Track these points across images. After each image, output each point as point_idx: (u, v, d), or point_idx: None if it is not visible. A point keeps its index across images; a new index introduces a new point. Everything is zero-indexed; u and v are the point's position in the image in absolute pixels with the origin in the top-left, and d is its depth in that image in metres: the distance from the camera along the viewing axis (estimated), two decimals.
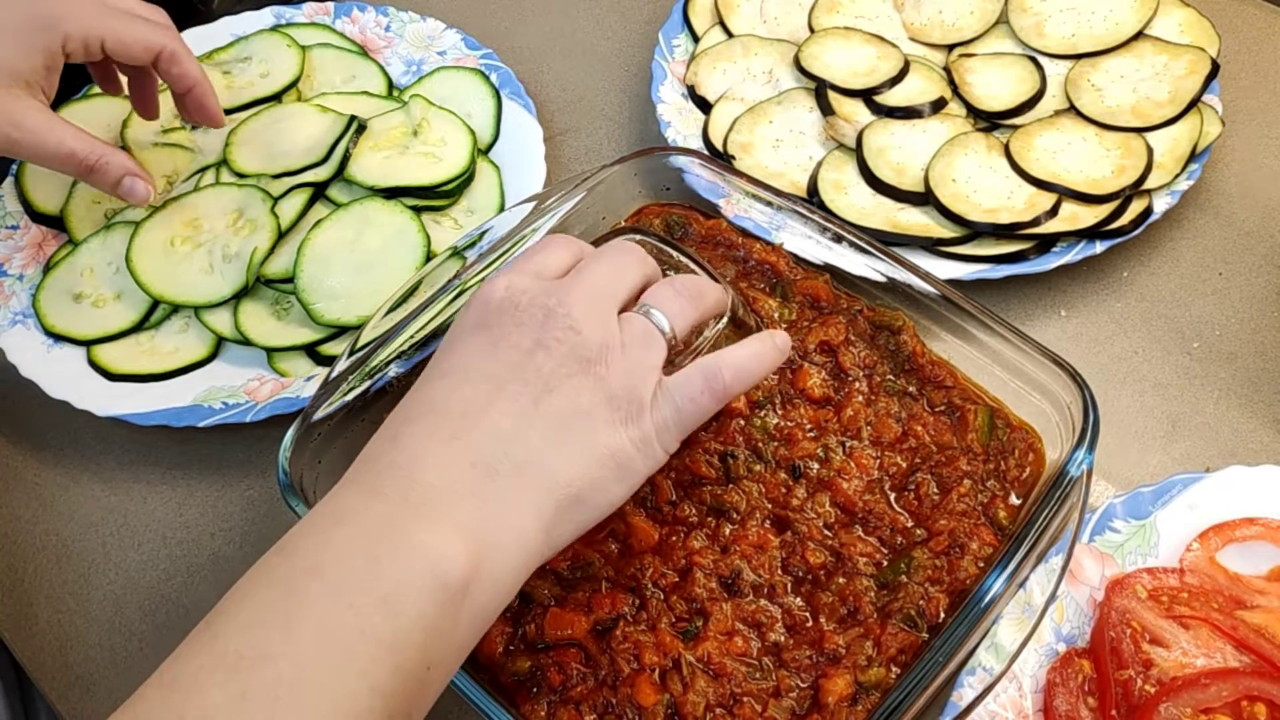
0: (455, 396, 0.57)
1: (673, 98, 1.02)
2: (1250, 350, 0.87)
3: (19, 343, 0.90)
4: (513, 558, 0.55)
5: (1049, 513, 0.65)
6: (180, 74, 0.85)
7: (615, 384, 0.57)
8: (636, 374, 0.58)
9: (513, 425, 0.56)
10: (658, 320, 0.61)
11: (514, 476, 0.55)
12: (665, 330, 0.61)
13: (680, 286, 0.63)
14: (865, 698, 0.65)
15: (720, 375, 0.60)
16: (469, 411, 0.56)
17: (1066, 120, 0.94)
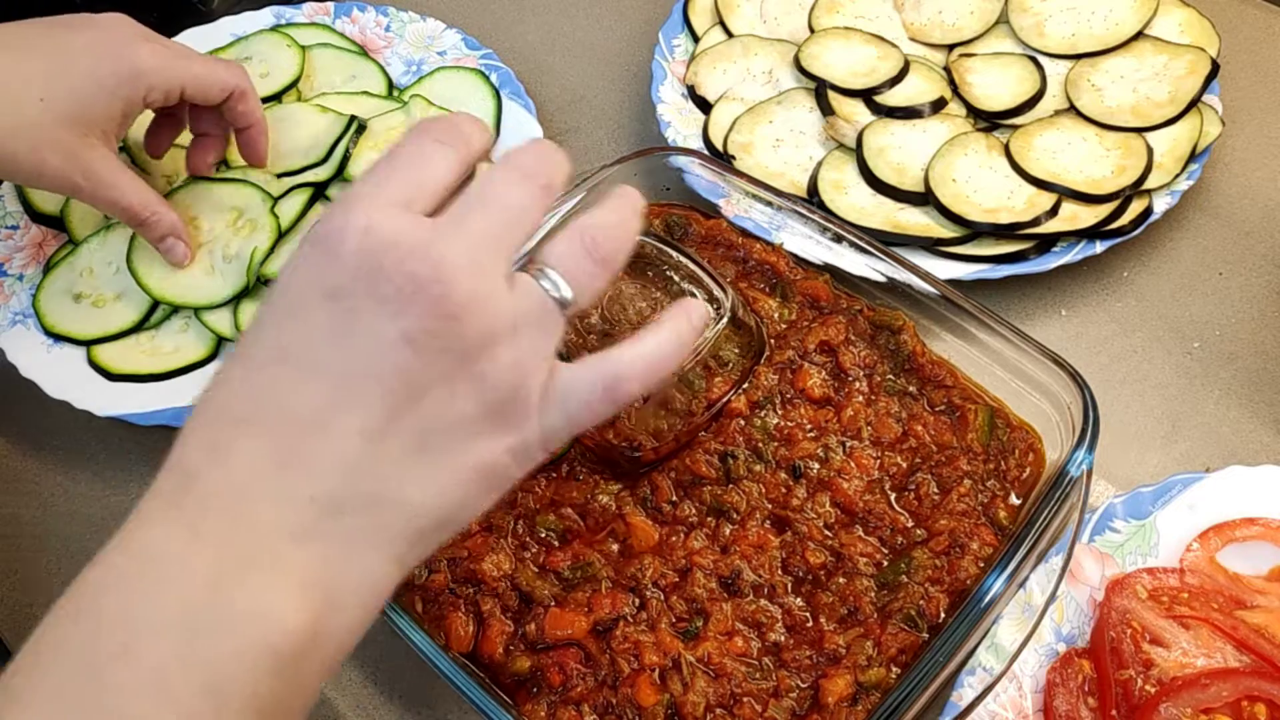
0: (294, 401, 0.45)
1: (673, 98, 1.02)
2: (1250, 350, 0.87)
3: (19, 343, 0.90)
4: (362, 606, 0.46)
5: (1049, 513, 0.65)
6: (245, 111, 0.87)
7: (497, 384, 0.46)
8: (524, 370, 0.47)
9: (363, 447, 0.45)
10: (558, 290, 0.48)
11: (364, 513, 0.45)
12: (567, 302, 0.48)
13: (592, 241, 0.49)
14: (865, 698, 0.65)
15: (623, 384, 0.50)
16: (310, 425, 0.45)
17: (1066, 120, 0.94)
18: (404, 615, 0.65)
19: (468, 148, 0.49)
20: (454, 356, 0.45)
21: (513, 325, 0.46)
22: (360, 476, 0.45)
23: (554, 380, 0.49)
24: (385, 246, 0.44)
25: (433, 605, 0.69)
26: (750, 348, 0.78)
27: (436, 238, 0.45)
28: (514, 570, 0.69)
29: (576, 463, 0.75)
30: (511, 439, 0.48)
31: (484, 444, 0.47)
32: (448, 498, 0.47)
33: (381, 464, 0.45)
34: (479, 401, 0.46)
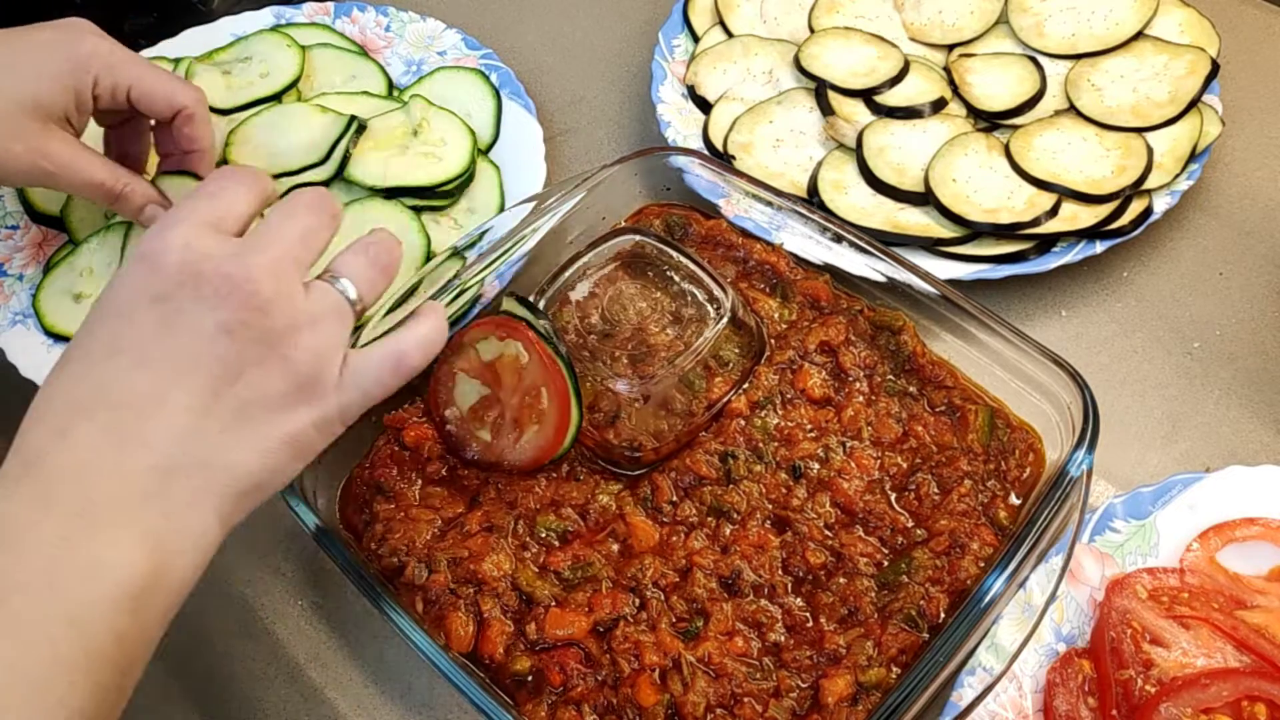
0: (129, 386, 0.54)
1: (673, 98, 1.02)
2: (1250, 350, 0.87)
3: (19, 343, 0.89)
4: (194, 556, 0.54)
5: (1049, 513, 0.65)
6: (190, 135, 0.86)
7: (301, 366, 0.56)
8: (324, 354, 0.57)
9: (191, 421, 0.54)
10: (347, 291, 0.59)
11: (193, 476, 0.54)
12: (355, 301, 0.60)
13: (374, 255, 0.62)
14: (865, 698, 0.65)
15: (408, 359, 0.61)
16: (145, 406, 0.53)
17: (1066, 120, 0.94)
18: (404, 615, 0.65)
19: (262, 189, 0.61)
20: (264, 343, 0.55)
21: (312, 318, 0.57)
22: (191, 445, 0.54)
23: (349, 362, 0.59)
24: (203, 257, 0.55)
25: (433, 605, 0.69)
26: (750, 348, 0.78)
27: (244, 250, 0.56)
28: (514, 570, 0.69)
29: (576, 463, 0.75)
30: (315, 413, 0.58)
31: (292, 416, 0.57)
32: (264, 462, 0.56)
33: (208, 434, 0.54)
34: (287, 380, 0.56)
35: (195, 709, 0.75)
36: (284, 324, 0.56)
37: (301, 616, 0.79)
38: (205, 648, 0.77)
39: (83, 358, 0.55)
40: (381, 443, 0.77)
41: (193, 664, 0.77)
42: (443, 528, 0.72)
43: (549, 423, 0.72)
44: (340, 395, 0.58)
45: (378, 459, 0.76)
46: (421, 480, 0.75)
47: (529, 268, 0.83)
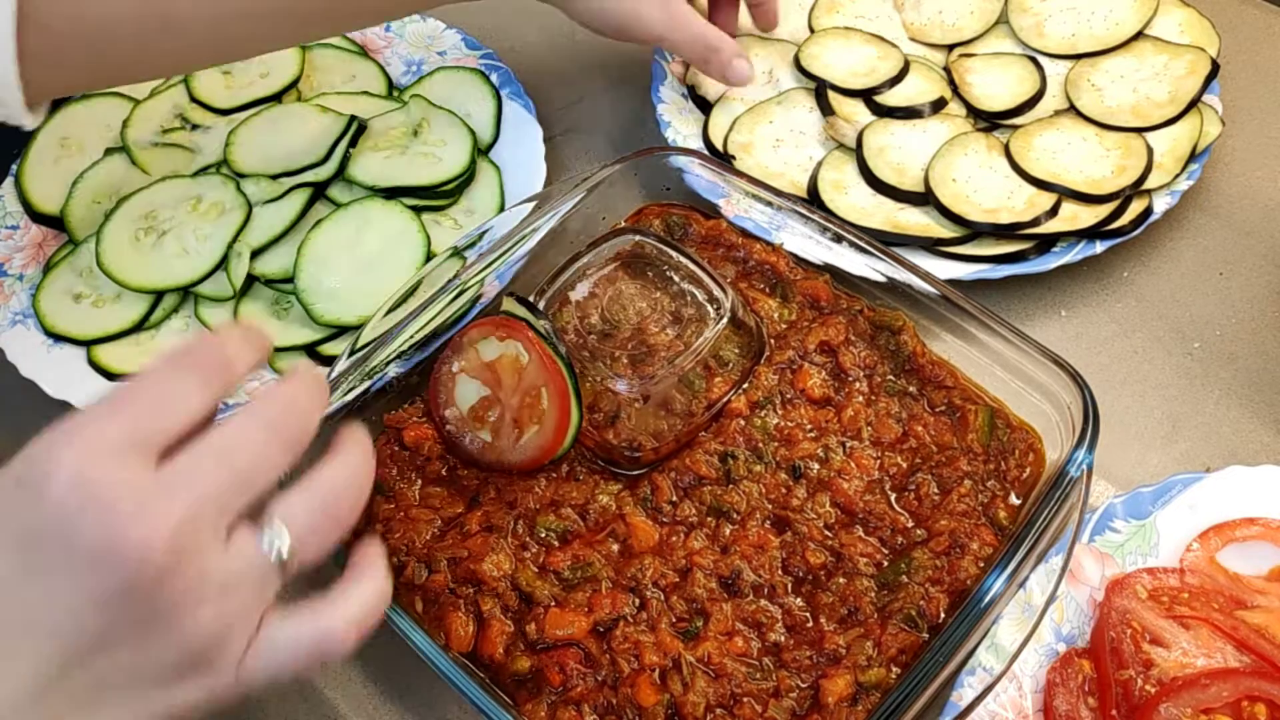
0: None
1: (673, 98, 1.02)
2: (1250, 350, 0.87)
3: (19, 343, 0.89)
4: None
5: (1049, 513, 0.65)
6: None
7: (195, 642, 0.45)
8: (227, 627, 0.46)
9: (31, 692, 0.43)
10: (279, 548, 0.47)
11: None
12: (286, 559, 0.47)
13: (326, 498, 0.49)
14: (865, 698, 0.65)
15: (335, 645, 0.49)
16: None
17: (1066, 120, 0.94)
18: (404, 615, 0.65)
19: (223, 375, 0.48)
20: (146, 620, 0.44)
21: (220, 586, 0.45)
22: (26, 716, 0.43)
23: (261, 636, 0.47)
24: (88, 504, 0.42)
25: (433, 605, 0.69)
26: (750, 348, 0.78)
27: (149, 499, 0.43)
28: (514, 570, 0.69)
29: (576, 463, 0.75)
30: (205, 690, 0.47)
31: (171, 692, 0.46)
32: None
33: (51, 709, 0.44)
34: (170, 658, 0.45)
35: None
36: (179, 594, 0.43)
37: None
38: None
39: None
40: (381, 443, 0.77)
41: None
42: (442, 528, 0.72)
43: (549, 423, 0.72)
44: (241, 673, 0.47)
45: (377, 459, 0.76)
46: (421, 480, 0.75)
47: (529, 268, 0.83)
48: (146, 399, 0.45)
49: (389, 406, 0.78)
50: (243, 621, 0.46)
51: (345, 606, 0.50)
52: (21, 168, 0.99)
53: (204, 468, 0.45)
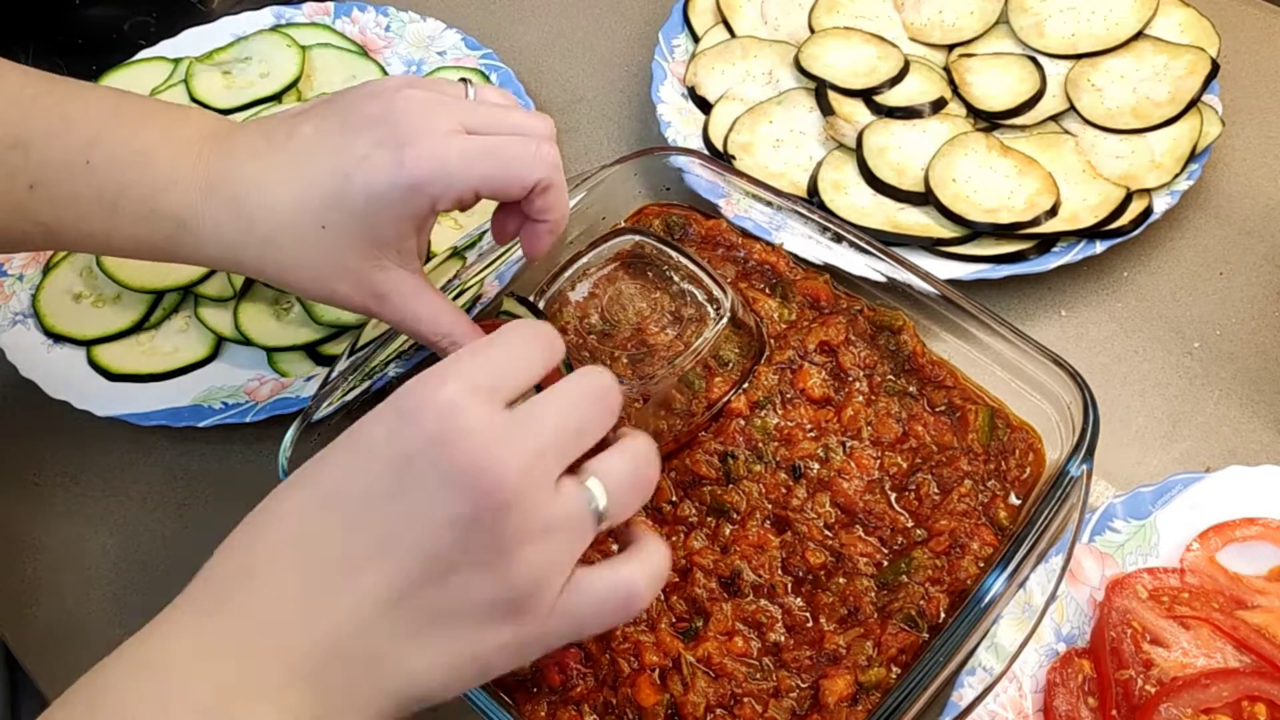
0: (333, 545, 0.48)
1: (673, 98, 1.02)
2: (1250, 350, 0.87)
3: (19, 343, 0.90)
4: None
5: (1049, 513, 0.65)
6: (544, 207, 0.69)
7: (520, 580, 0.48)
8: (548, 572, 0.49)
9: (382, 608, 0.47)
10: (596, 501, 0.51)
11: (364, 669, 0.48)
12: (601, 515, 0.51)
13: (636, 468, 0.53)
14: (865, 698, 0.65)
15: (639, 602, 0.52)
16: (340, 574, 0.47)
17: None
18: None
19: (554, 351, 0.53)
20: (488, 548, 0.47)
21: (546, 528, 0.48)
22: (372, 634, 0.47)
23: (572, 584, 0.51)
24: (458, 432, 0.47)
25: None
26: (750, 348, 0.78)
27: (505, 435, 0.48)
28: None
29: None
30: (518, 634, 0.50)
31: (491, 632, 0.49)
32: (439, 676, 0.49)
33: (394, 628, 0.48)
34: (499, 592, 0.48)
35: None
36: (516, 531, 0.47)
37: None
38: None
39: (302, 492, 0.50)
40: None
41: None
42: None
43: None
44: (551, 621, 0.50)
45: None
46: None
47: (529, 268, 0.83)
48: (504, 356, 0.51)
49: None
50: (559, 567, 0.50)
51: (645, 563, 0.53)
52: None
53: (548, 417, 0.50)
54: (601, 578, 0.52)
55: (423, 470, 0.47)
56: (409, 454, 0.47)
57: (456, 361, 0.50)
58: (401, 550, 0.47)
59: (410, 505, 0.47)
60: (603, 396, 0.52)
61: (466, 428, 0.47)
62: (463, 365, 0.49)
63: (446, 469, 0.47)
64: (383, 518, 0.48)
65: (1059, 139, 0.94)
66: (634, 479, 0.52)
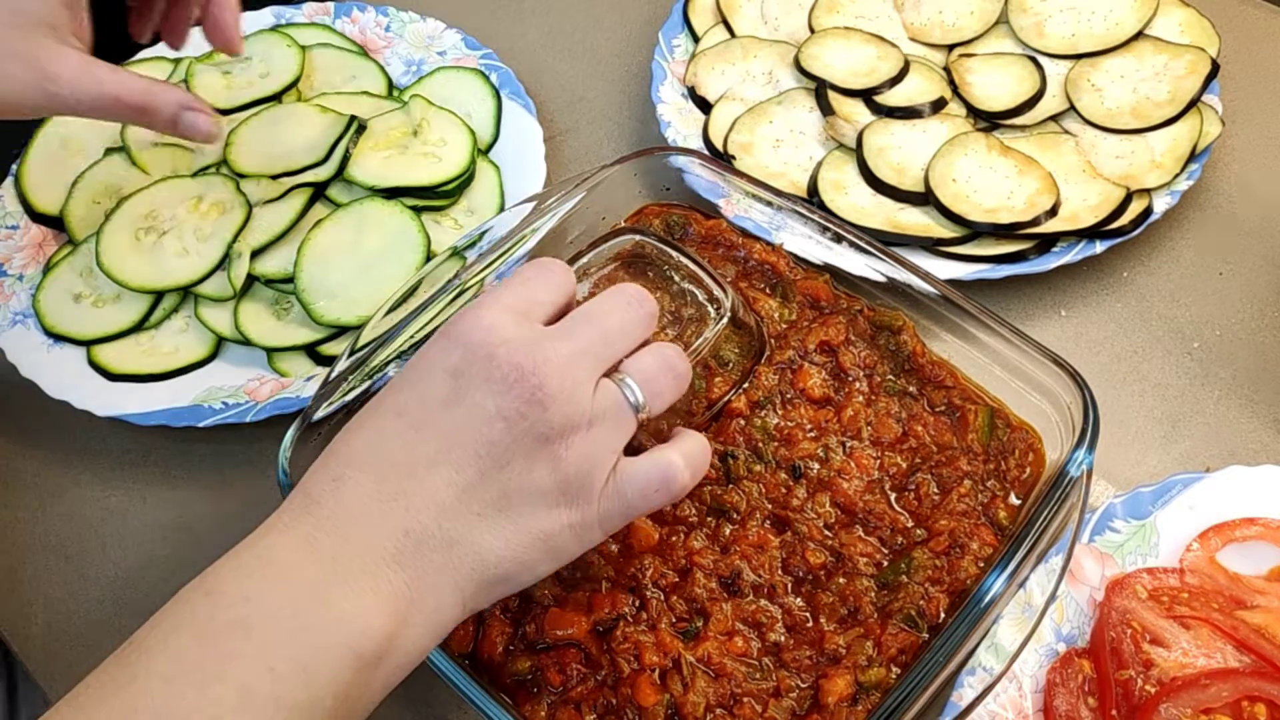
0: (404, 448, 0.55)
1: (673, 98, 1.02)
2: (1250, 350, 0.87)
3: (19, 343, 0.90)
4: (428, 630, 0.54)
5: (1049, 513, 0.65)
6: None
7: (570, 467, 0.55)
8: (595, 458, 0.56)
9: (453, 496, 0.54)
10: (634, 397, 0.57)
11: (444, 551, 0.54)
12: (640, 409, 0.58)
13: (666, 362, 0.59)
14: (865, 698, 0.65)
15: (679, 477, 0.58)
16: (414, 472, 0.54)
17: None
18: None
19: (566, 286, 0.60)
20: (537, 437, 0.54)
21: (589, 420, 0.55)
22: (447, 520, 0.54)
23: (618, 471, 0.57)
24: (501, 340, 0.55)
25: None
26: (750, 348, 0.78)
27: (545, 341, 0.55)
28: None
29: None
30: (575, 515, 0.56)
31: (551, 514, 0.55)
32: (514, 553, 0.55)
33: (466, 513, 0.54)
34: (553, 478, 0.55)
35: None
36: (560, 422, 0.54)
37: None
38: None
39: (374, 413, 0.57)
40: None
41: None
42: None
43: None
44: (603, 503, 0.57)
45: None
46: None
47: None
48: (530, 284, 0.58)
49: None
50: (605, 454, 0.56)
51: (682, 446, 0.59)
52: (21, 168, 0.99)
53: (581, 326, 0.57)
54: (644, 460, 0.58)
55: (473, 377, 0.54)
56: (458, 366, 0.55)
57: (498, 289, 0.58)
58: (462, 447, 0.54)
59: (466, 408, 0.54)
60: (635, 303, 0.59)
61: (507, 336, 0.55)
62: (498, 295, 0.57)
63: (493, 372, 0.54)
64: (445, 421, 0.54)
65: (1059, 139, 0.94)
66: (666, 373, 0.58)
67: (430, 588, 0.54)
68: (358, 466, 0.55)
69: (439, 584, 0.54)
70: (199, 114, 0.77)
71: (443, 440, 0.54)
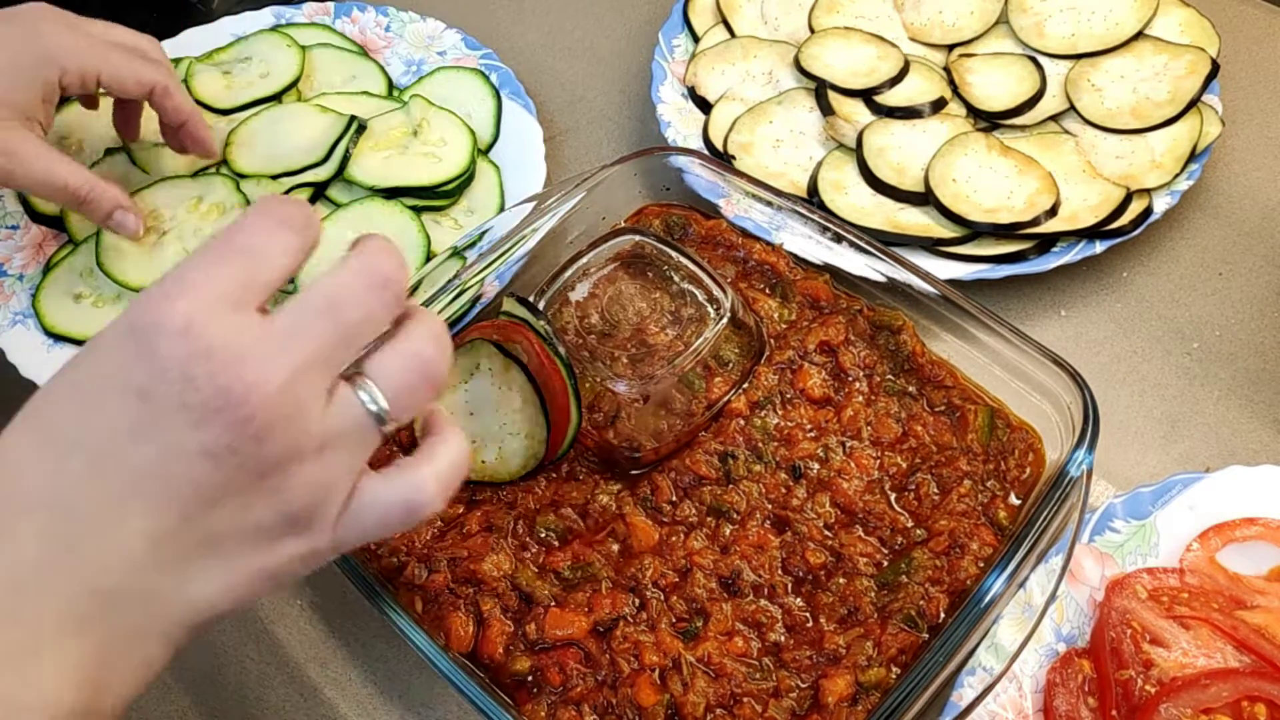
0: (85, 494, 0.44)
1: (673, 98, 1.02)
2: (1250, 350, 0.87)
3: (19, 343, 0.90)
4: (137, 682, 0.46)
5: (1049, 513, 0.65)
6: (174, 108, 0.87)
7: (296, 499, 0.45)
8: (328, 486, 0.46)
9: (147, 548, 0.44)
10: (376, 404, 0.46)
11: (142, 606, 0.45)
12: (384, 418, 0.47)
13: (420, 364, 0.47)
14: (865, 698, 0.65)
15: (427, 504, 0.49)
16: (97, 520, 0.44)
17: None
18: (404, 615, 0.65)
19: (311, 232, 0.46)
20: (251, 473, 0.44)
21: (320, 444, 0.45)
22: (142, 574, 0.44)
23: (357, 494, 0.48)
24: (201, 354, 0.42)
25: (433, 605, 0.69)
26: (750, 348, 0.78)
27: (259, 351, 0.43)
28: (514, 570, 0.69)
29: (576, 463, 0.75)
30: (303, 546, 0.47)
31: (274, 549, 0.47)
32: (230, 595, 0.47)
33: (164, 564, 0.45)
34: (274, 513, 0.45)
35: (195, 708, 0.75)
36: (281, 452, 0.44)
37: (301, 616, 0.79)
38: (204, 647, 0.77)
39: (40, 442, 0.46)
40: None
41: (192, 663, 0.77)
42: (442, 528, 0.72)
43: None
44: (339, 532, 0.48)
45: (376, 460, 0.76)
46: None
47: (529, 268, 0.83)
48: (250, 250, 0.45)
49: None
50: (341, 480, 0.47)
51: (433, 464, 0.49)
52: None
53: (312, 322, 0.44)
54: (388, 487, 0.48)
55: (166, 402, 0.42)
56: (147, 386, 0.43)
57: (192, 268, 0.44)
58: (157, 490, 0.44)
59: (160, 445, 0.43)
60: (380, 287, 0.46)
61: (209, 348, 0.42)
62: (199, 272, 0.44)
63: (192, 398, 0.42)
64: (133, 458, 0.43)
65: (1059, 139, 0.94)
66: (419, 374, 0.47)
67: (129, 648, 0.45)
68: (31, 517, 0.44)
69: (141, 641, 0.46)
70: (128, 214, 0.86)
71: (132, 483, 0.44)
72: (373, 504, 0.48)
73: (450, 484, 0.50)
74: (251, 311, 0.44)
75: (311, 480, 0.45)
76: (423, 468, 0.49)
